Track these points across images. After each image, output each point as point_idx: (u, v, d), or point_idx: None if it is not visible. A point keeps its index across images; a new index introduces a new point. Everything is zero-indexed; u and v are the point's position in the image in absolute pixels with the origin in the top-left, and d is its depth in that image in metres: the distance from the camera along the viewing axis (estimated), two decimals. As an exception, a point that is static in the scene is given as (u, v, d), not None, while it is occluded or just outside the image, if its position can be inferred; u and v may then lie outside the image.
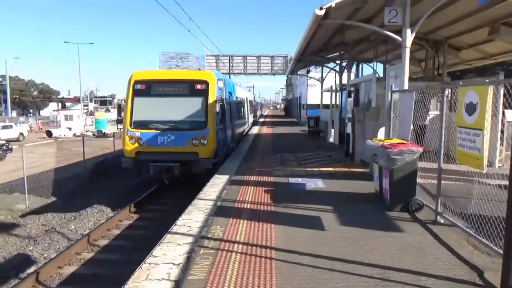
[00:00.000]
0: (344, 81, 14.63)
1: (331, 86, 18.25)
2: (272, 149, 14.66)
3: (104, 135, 38.32)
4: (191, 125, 9.49)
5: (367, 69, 32.03)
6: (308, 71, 25.02)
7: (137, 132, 9.29)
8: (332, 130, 17.48)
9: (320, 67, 21.20)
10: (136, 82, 9.73)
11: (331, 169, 10.14)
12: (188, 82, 9.78)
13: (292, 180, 8.78)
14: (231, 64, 62.62)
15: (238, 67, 66.37)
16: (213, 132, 9.65)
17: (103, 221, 10.13)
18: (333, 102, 18.04)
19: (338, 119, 15.38)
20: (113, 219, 9.99)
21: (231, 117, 12.30)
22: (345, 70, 15.21)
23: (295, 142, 17.67)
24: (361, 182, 8.36)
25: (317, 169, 10.16)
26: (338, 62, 17.19)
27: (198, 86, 9.65)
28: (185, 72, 10.49)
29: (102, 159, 17.73)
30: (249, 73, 68.23)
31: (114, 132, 24.83)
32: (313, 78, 26.34)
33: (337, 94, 16.77)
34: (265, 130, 26.31)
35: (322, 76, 21.04)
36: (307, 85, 33.57)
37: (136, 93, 9.65)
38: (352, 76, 16.50)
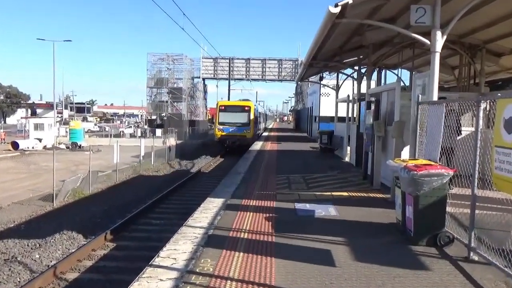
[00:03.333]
0: (363, 90, 14.72)
1: (348, 96, 18.34)
2: (276, 169, 14.72)
3: (80, 148, 38.45)
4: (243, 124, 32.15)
5: (390, 77, 32.22)
6: (321, 78, 25.15)
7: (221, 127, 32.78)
8: (348, 148, 17.55)
9: (335, 74, 21.41)
10: (221, 105, 33.65)
11: (345, 193, 10.17)
12: (242, 106, 33.19)
13: (298, 205, 8.78)
14: (231, 68, 63.37)
15: (240, 72, 67.09)
16: (252, 127, 32.57)
17: (73, 250, 10.10)
18: (350, 115, 18.10)
19: (355, 135, 15.42)
20: (86, 248, 9.96)
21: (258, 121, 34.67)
22: (364, 78, 15.31)
23: (304, 160, 17.72)
24: (380, 210, 8.34)
25: (329, 193, 10.18)
26: (356, 68, 17.31)
27: (246, 108, 33.43)
28: (241, 101, 34.72)
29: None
30: (253, 79, 69.17)
31: (91, 145, 24.99)
32: (327, 86, 26.50)
33: (355, 105, 16.85)
34: (269, 146, 26.38)
35: (337, 84, 21.16)
36: (320, 94, 33.78)
37: (221, 110, 33.14)
38: (373, 84, 16.60)
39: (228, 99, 56.12)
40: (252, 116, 35.01)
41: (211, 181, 20.17)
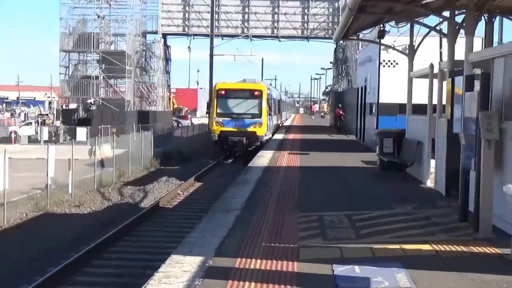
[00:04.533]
0: (459, 55, 14.65)
1: (431, 66, 18.33)
2: (299, 200, 14.73)
3: None
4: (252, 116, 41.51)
5: (509, 31, 32.03)
6: (381, 33, 25.14)
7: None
8: (432, 162, 17.61)
9: (407, 25, 21.36)
10: (219, 89, 42.03)
11: (427, 246, 10.21)
12: (250, 90, 42.55)
13: (340, 269, 8.79)
14: (215, 16, 63.55)
15: (232, 23, 67.64)
16: (265, 120, 41.65)
17: None
18: (435, 101, 18.09)
19: (445, 138, 15.39)
20: None
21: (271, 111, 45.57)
22: (462, 32, 15.29)
23: (350, 185, 17.81)
24: (495, 278, 8.33)
25: (397, 246, 10.23)
26: (446, 14, 17.29)
27: (256, 93, 41.85)
28: (248, 84, 43.93)
29: None
30: (256, 36, 69.49)
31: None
32: (393, 47, 26.43)
33: (444, 82, 16.82)
34: (287, 157, 26.60)
35: (411, 44, 21.18)
36: (380, 63, 33.76)
37: (219, 96, 41.52)
38: (477, 45, 16.52)
39: (211, 70, 56.17)
40: (264, 105, 41.25)
41: (179, 224, 20.08)
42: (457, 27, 16.38)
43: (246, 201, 14.71)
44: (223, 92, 41.19)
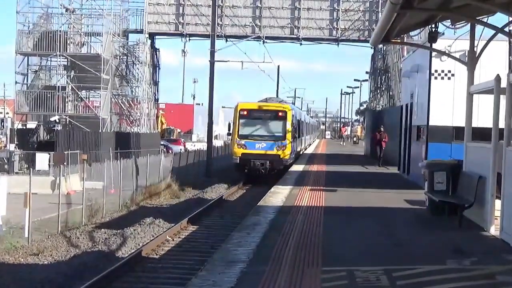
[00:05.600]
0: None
1: (497, 78, 18.28)
2: (323, 251, 14.75)
3: None
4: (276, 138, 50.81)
5: None
6: (433, 36, 25.19)
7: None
8: (498, 203, 17.54)
9: (468, 25, 21.31)
10: (242, 109, 50.89)
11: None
12: (275, 111, 51.81)
13: None
14: (218, 12, 63.62)
15: (239, 21, 67.73)
16: (289, 143, 50.68)
17: None
18: (501, 124, 18.02)
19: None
20: None
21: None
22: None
23: (391, 232, 17.91)
24: None
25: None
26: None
27: (280, 114, 50.86)
28: (272, 104, 54.05)
29: None
30: (270, 37, 69.53)
31: None
32: (447, 53, 26.48)
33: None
34: (308, 196, 26.51)
35: (472, 49, 21.10)
36: (431, 74, 33.79)
37: (241, 116, 50.53)
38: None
39: (211, 81, 56.93)
40: (289, 126, 49.87)
41: (166, 281, 20.08)
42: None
43: (254, 251, 14.72)
44: (245, 112, 49.37)
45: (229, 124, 56.67)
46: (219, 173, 57.96)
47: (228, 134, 58.46)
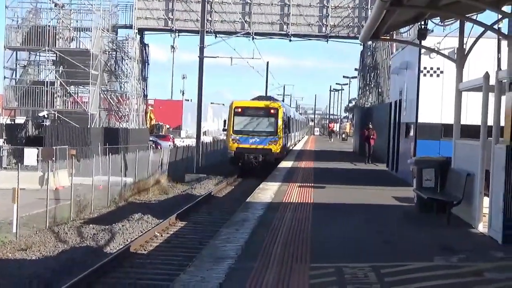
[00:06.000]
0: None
1: (486, 76, 18.30)
2: (312, 248, 14.73)
3: None
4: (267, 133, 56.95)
5: None
6: (422, 33, 25.21)
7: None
8: (485, 200, 17.59)
9: (457, 23, 21.34)
10: (236, 106, 56.70)
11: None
12: (266, 108, 57.24)
13: None
14: (208, 8, 63.51)
15: (228, 17, 67.70)
16: (281, 138, 56.33)
17: None
18: (491, 121, 18.04)
19: (504, 169, 15.40)
20: None
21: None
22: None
23: (380, 229, 17.85)
24: None
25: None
26: (507, 9, 17.33)
27: (272, 111, 56.26)
28: (263, 102, 59.61)
29: None
30: (259, 34, 69.50)
31: None
32: (437, 51, 26.50)
33: (502, 97, 16.82)
34: (296, 192, 26.57)
35: (461, 46, 21.08)
36: (420, 71, 33.84)
37: (236, 113, 56.10)
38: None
39: (200, 77, 57.25)
40: (280, 122, 54.37)
41: (153, 277, 20.03)
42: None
43: (243, 247, 14.72)
44: (239, 109, 54.22)
45: (225, 121, 59.07)
46: (208, 169, 58.04)
47: (224, 130, 62.53)
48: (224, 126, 60.10)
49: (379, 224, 19.21)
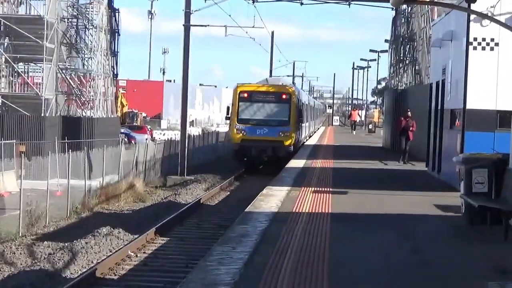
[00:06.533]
0: None
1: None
2: (330, 275, 14.70)
3: None
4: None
5: None
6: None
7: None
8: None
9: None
10: (242, 91, 61.78)
11: None
12: (277, 93, 62.52)
13: None
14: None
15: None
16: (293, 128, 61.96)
17: None
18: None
19: None
20: None
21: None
22: None
23: (415, 249, 17.92)
24: None
25: None
26: None
27: (284, 96, 61.11)
28: (273, 86, 64.46)
29: None
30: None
31: None
32: (490, 16, 26.55)
33: None
34: (310, 199, 26.62)
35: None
36: (469, 42, 33.88)
37: (241, 99, 61.46)
38: None
39: (186, 51, 57.10)
40: (293, 109, 56.59)
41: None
42: None
43: (241, 271, 14.68)
44: (245, 95, 56.81)
45: (228, 108, 61.29)
46: (196, 170, 58.31)
47: (227, 118, 62.98)
48: (227, 114, 61.21)
49: (417, 241, 19.23)
